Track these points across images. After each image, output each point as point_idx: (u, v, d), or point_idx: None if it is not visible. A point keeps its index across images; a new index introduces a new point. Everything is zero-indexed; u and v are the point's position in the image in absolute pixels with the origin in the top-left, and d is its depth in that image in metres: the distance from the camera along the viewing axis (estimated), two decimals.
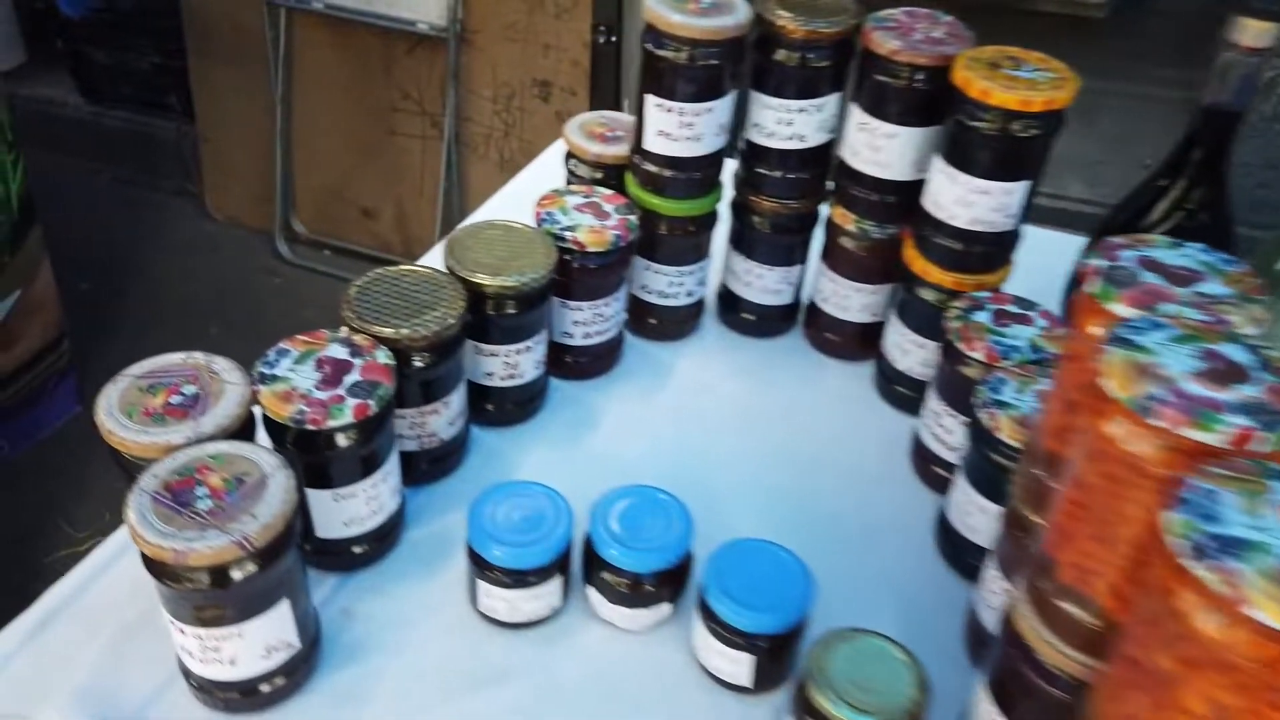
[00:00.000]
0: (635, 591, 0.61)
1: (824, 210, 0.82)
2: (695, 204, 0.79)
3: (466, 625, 0.64)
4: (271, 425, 0.59)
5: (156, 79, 2.56)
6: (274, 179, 2.41)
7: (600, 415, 0.80)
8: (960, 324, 0.68)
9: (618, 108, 2.12)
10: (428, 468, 0.71)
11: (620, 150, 0.83)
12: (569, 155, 0.87)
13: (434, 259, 0.93)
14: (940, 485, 0.73)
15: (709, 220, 0.81)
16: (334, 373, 0.59)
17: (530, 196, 0.78)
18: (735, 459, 0.77)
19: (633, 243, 0.76)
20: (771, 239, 0.82)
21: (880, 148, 0.73)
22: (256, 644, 0.54)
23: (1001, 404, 0.61)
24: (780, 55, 0.72)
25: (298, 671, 0.58)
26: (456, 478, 0.73)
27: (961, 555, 0.68)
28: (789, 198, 0.79)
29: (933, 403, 0.72)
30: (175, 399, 0.56)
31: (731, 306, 0.88)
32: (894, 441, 0.79)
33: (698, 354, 0.87)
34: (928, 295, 0.74)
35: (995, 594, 0.59)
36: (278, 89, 2.30)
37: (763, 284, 0.84)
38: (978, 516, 0.65)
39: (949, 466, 0.72)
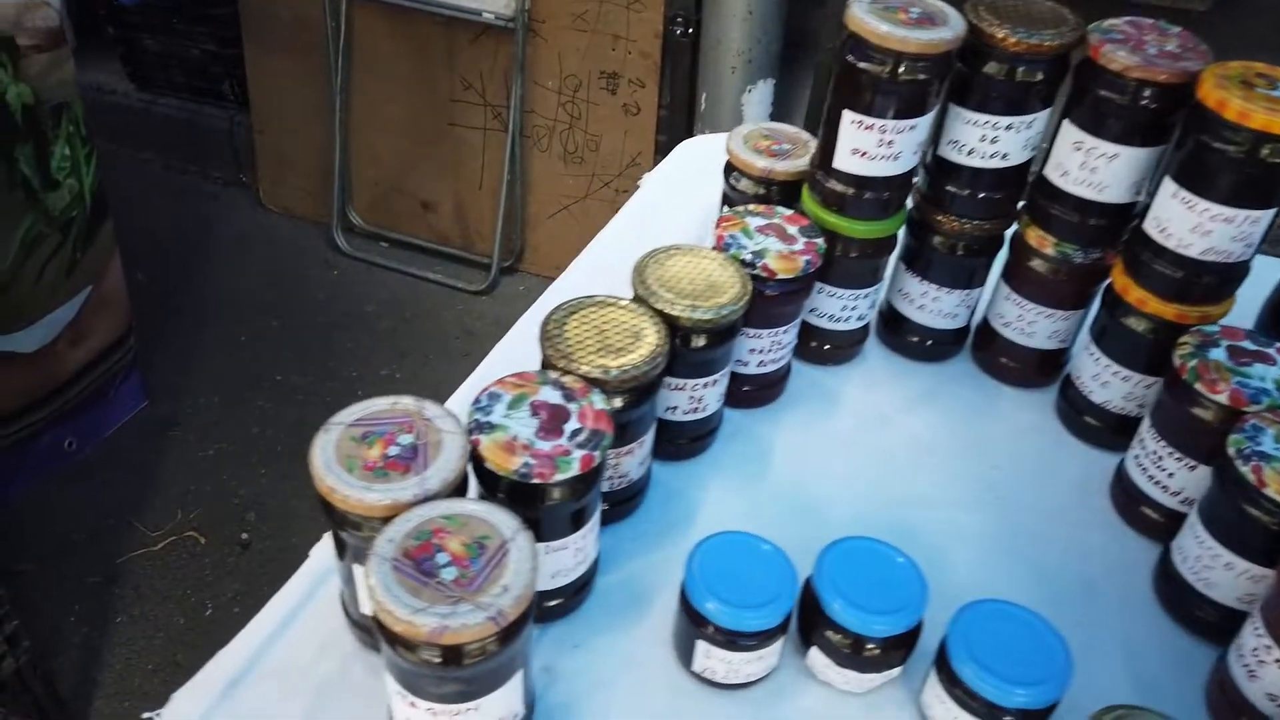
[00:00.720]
0: (865, 654, 0.57)
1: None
2: (880, 226, 0.74)
3: (675, 685, 0.60)
4: (483, 474, 0.55)
5: (210, 67, 2.51)
6: (330, 170, 2.37)
7: (772, 448, 0.76)
8: (1196, 361, 0.63)
9: (691, 102, 2.07)
10: (612, 509, 0.67)
11: (790, 165, 0.79)
12: (729, 169, 0.82)
13: (576, 282, 0.89)
14: (1152, 529, 0.69)
15: (890, 243, 0.77)
16: (551, 420, 0.55)
17: (658, 211, 0.74)
18: (925, 497, 0.72)
19: (821, 268, 0.71)
20: (953, 261, 0.77)
21: (1097, 168, 0.68)
22: (490, 718, 0.50)
23: (1264, 456, 0.57)
24: (990, 68, 0.67)
25: None
26: (638, 518, 0.69)
27: (1190, 608, 0.63)
28: (980, 218, 0.74)
29: (1150, 442, 0.67)
30: (393, 450, 0.52)
31: (898, 329, 0.83)
32: (1088, 478, 0.75)
33: (863, 379, 0.83)
34: (1138, 325, 0.69)
35: (1262, 662, 0.55)
36: (337, 79, 2.26)
37: (938, 307, 0.80)
38: (1220, 572, 0.60)
39: (1164, 510, 0.68)
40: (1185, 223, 0.64)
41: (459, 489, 0.53)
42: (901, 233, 0.79)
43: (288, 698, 0.57)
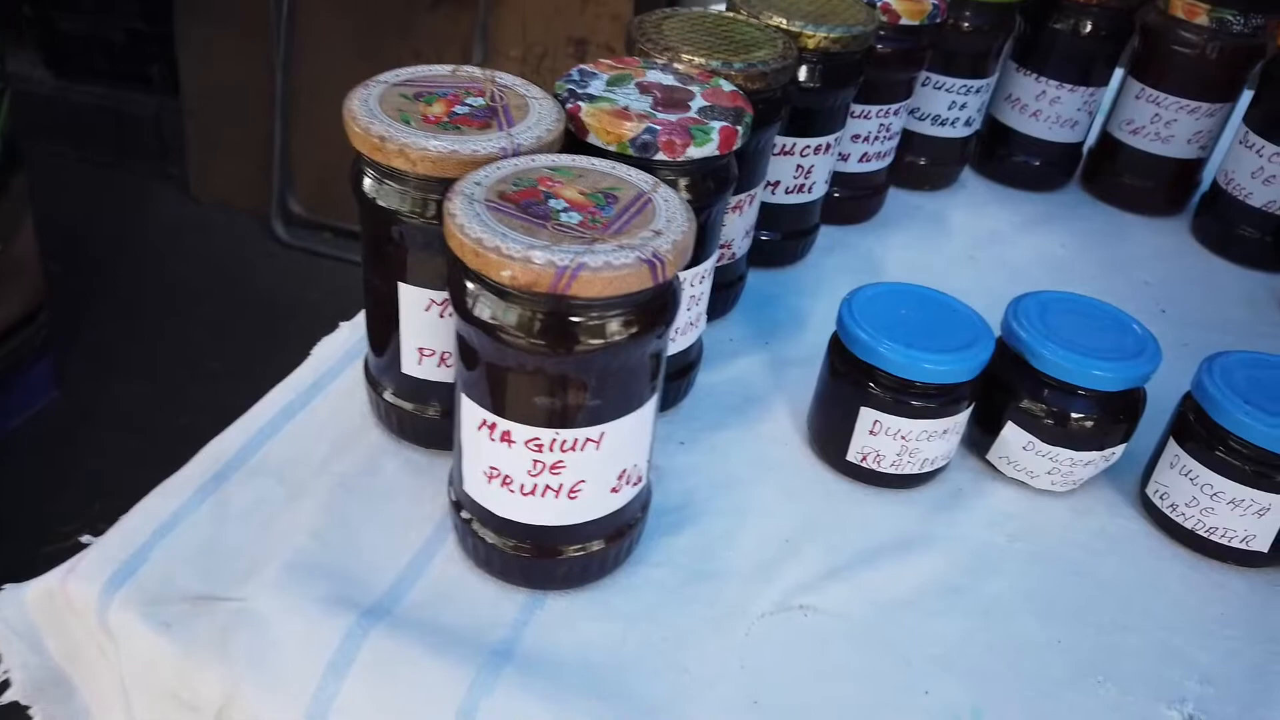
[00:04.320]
0: (1078, 425, 0.43)
1: None
2: None
3: (824, 484, 0.44)
4: (582, 151, 0.39)
5: (135, 47, 2.33)
6: (269, 155, 2.19)
7: (882, 260, 0.62)
8: None
9: None
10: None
11: None
12: None
13: None
14: None
15: (1009, 21, 0.64)
16: (668, 98, 0.40)
17: None
18: None
19: (943, 24, 0.59)
20: (1078, 47, 0.65)
21: None
22: (612, 464, 0.34)
23: None
24: None
25: (637, 524, 0.38)
26: (734, 319, 0.54)
27: None
28: None
29: None
30: (461, 109, 0.37)
31: (1002, 150, 0.71)
32: (1254, 295, 0.63)
33: (968, 203, 0.70)
34: None
35: None
36: (280, 53, 2.10)
37: (1055, 111, 0.67)
38: None
39: None
40: None
41: None
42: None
43: (296, 496, 0.40)
